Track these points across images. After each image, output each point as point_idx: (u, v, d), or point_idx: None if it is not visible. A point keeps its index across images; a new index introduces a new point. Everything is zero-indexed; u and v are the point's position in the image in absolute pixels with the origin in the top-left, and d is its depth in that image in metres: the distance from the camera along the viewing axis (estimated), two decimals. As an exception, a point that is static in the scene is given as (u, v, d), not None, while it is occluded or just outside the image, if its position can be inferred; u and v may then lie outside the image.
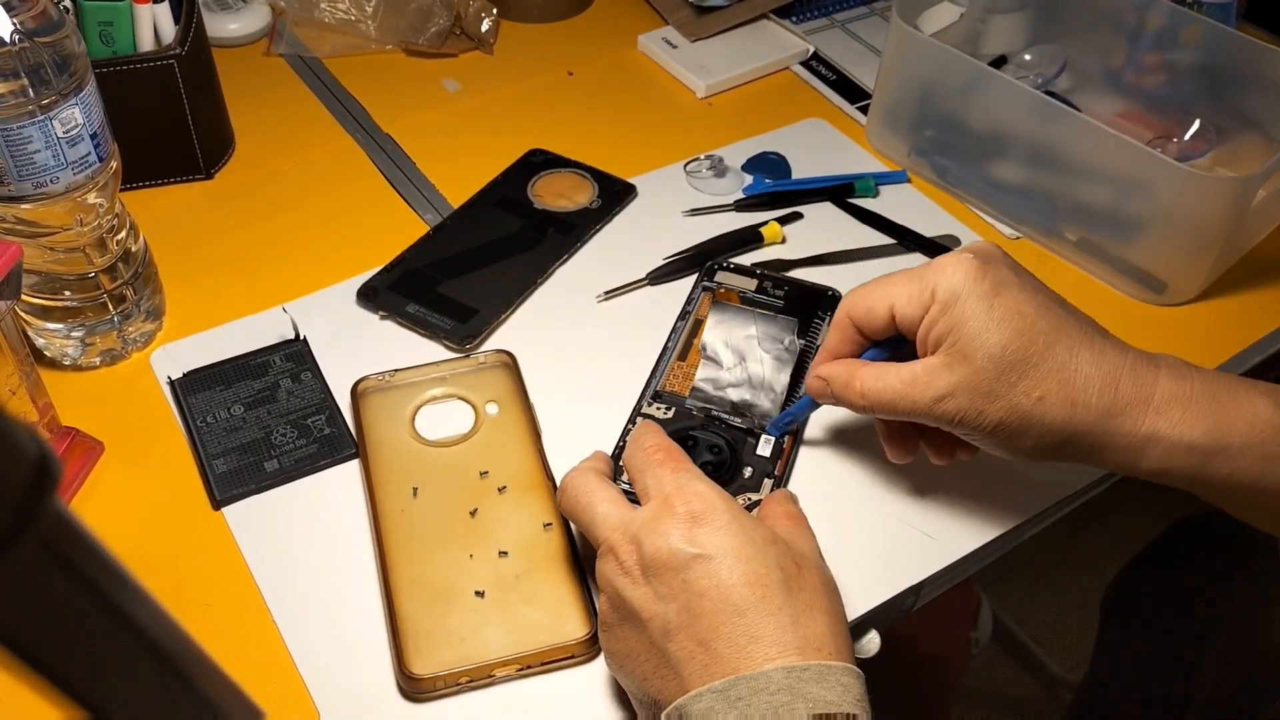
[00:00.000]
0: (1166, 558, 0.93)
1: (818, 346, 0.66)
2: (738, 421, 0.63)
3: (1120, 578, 0.97)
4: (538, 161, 0.79)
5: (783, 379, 0.64)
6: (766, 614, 0.46)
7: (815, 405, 0.60)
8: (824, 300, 0.70)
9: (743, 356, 0.65)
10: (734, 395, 0.64)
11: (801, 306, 0.69)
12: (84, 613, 0.28)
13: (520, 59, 0.91)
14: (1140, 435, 0.54)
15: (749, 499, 0.60)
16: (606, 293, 0.71)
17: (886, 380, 0.56)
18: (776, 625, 0.46)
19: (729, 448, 0.62)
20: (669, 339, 0.67)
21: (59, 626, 0.28)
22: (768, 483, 0.61)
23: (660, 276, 0.72)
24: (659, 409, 0.64)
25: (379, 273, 0.70)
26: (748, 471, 0.61)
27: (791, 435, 0.63)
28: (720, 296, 0.70)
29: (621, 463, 0.56)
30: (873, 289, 0.58)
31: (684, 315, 0.69)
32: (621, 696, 0.53)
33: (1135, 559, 0.97)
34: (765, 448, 0.62)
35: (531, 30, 0.94)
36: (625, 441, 0.62)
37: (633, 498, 0.52)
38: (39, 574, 0.26)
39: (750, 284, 0.71)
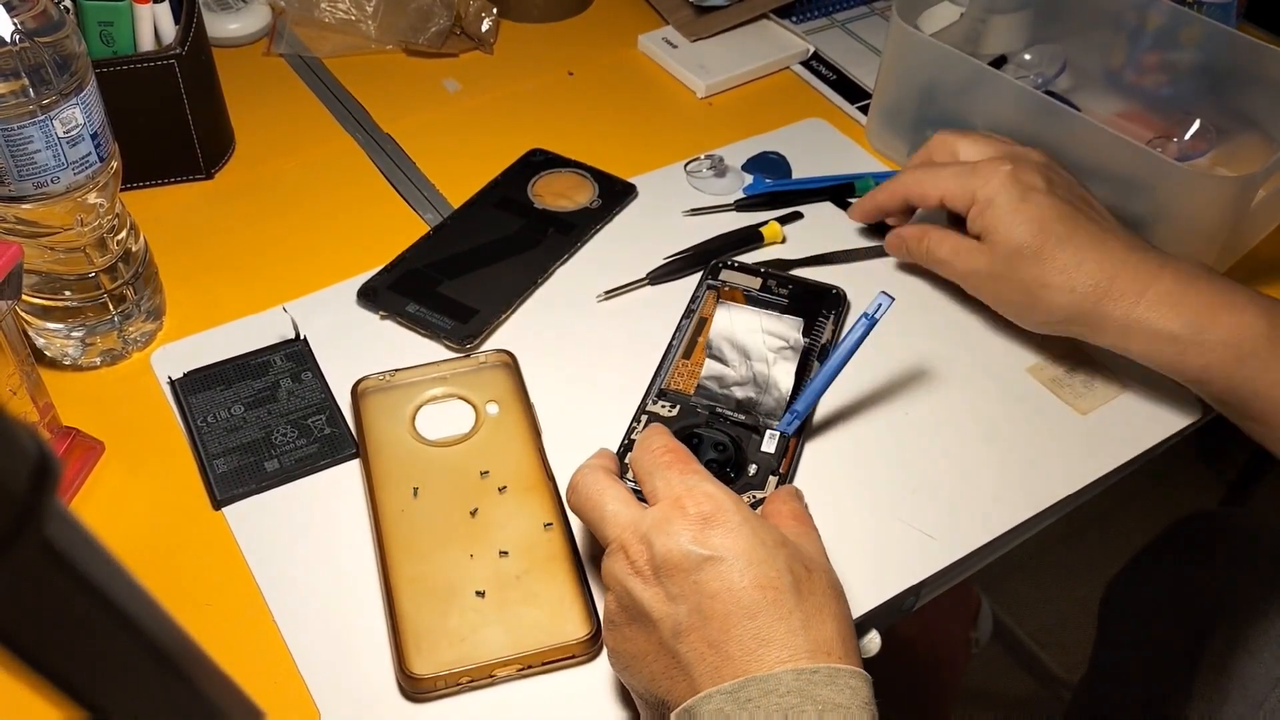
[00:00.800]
0: (1166, 558, 0.93)
1: (824, 344, 0.69)
2: (742, 418, 0.63)
3: (1120, 578, 0.97)
4: (538, 161, 0.79)
5: (787, 377, 0.64)
6: (777, 617, 0.47)
7: (827, 384, 0.61)
8: (828, 299, 0.70)
9: (748, 354, 0.65)
10: (739, 393, 0.64)
11: (806, 305, 0.70)
12: (84, 612, 0.28)
13: (520, 59, 0.91)
14: (1127, 320, 0.63)
15: (754, 497, 0.60)
16: (606, 292, 0.71)
17: (942, 247, 0.70)
18: (787, 629, 0.46)
19: (733, 445, 0.62)
20: (674, 337, 0.67)
21: (59, 626, 0.28)
22: (773, 480, 0.61)
23: (660, 276, 0.72)
24: (664, 406, 0.64)
25: (379, 273, 0.70)
26: (752, 469, 0.61)
27: (796, 434, 0.63)
28: (725, 295, 0.70)
29: (629, 464, 0.56)
30: (926, 177, 0.70)
31: (689, 313, 0.69)
32: (622, 697, 0.53)
33: (1135, 559, 0.97)
34: (770, 444, 0.62)
35: (531, 30, 0.94)
36: (631, 439, 0.62)
37: (640, 497, 0.52)
38: (39, 574, 0.26)
39: (755, 282, 0.71)
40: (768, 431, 0.63)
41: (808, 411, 0.62)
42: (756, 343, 0.65)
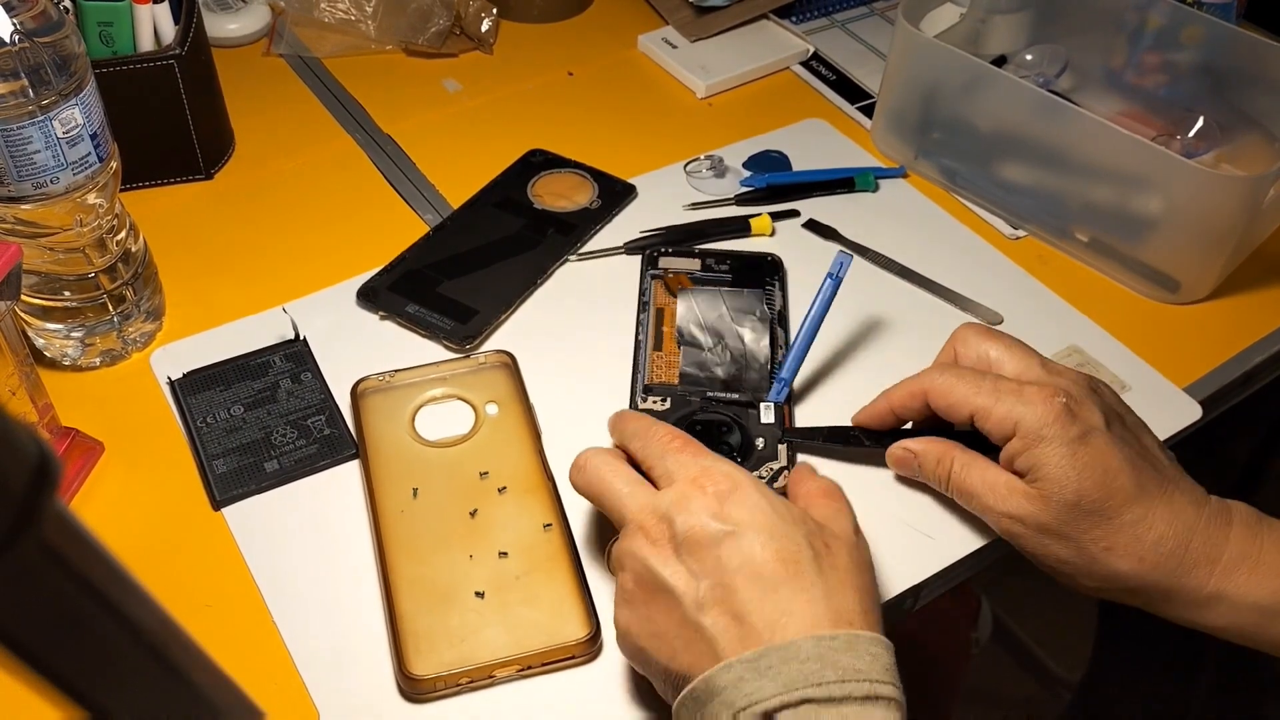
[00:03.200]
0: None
1: (779, 310, 0.69)
2: (735, 396, 0.65)
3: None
4: (538, 161, 0.79)
5: (763, 347, 0.66)
6: (799, 589, 0.47)
7: (807, 347, 0.63)
8: (766, 266, 0.72)
9: (720, 334, 0.67)
10: (721, 373, 0.65)
11: (749, 276, 0.72)
12: (84, 613, 0.28)
13: (520, 59, 0.91)
14: (1205, 593, 0.55)
15: (770, 469, 0.61)
16: (579, 254, 0.72)
17: (972, 476, 0.59)
18: (809, 599, 0.47)
19: (736, 424, 0.63)
20: (637, 333, 0.68)
21: (59, 626, 0.28)
22: (782, 448, 0.62)
23: (636, 248, 0.73)
24: (654, 401, 0.64)
25: (379, 273, 0.70)
26: (760, 442, 0.62)
27: (788, 400, 0.64)
28: (671, 282, 0.70)
29: (636, 455, 0.55)
30: (959, 385, 0.58)
31: (643, 307, 0.69)
32: (622, 697, 0.53)
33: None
34: (768, 415, 0.63)
35: (531, 30, 0.94)
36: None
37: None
38: (39, 574, 0.26)
39: (694, 264, 0.72)
40: (762, 405, 0.63)
41: (793, 377, 0.63)
42: (725, 321, 0.67)
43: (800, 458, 0.62)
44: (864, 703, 0.45)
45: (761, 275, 0.71)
